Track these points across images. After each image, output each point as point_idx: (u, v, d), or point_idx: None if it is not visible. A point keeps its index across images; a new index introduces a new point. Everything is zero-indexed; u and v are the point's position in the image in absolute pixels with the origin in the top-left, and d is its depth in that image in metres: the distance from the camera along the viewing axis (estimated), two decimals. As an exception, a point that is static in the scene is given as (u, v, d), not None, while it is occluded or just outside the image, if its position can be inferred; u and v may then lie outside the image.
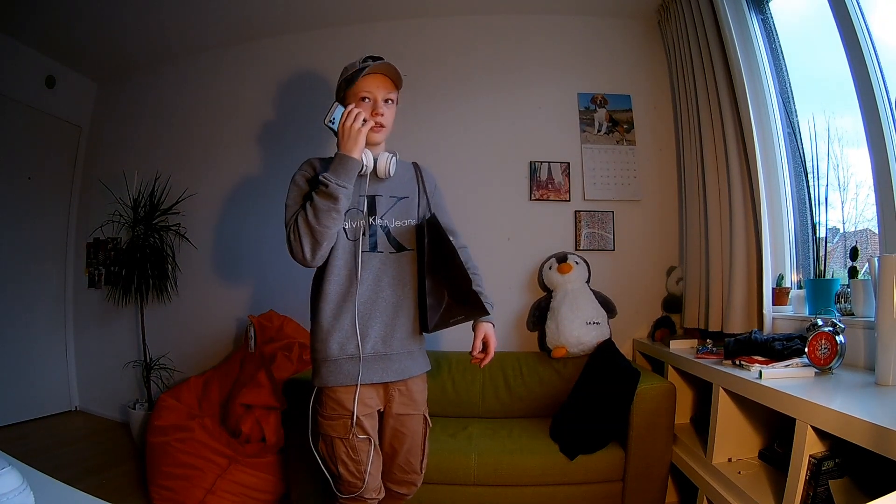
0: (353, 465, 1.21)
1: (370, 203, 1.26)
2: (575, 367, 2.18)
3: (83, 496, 0.71)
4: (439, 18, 2.70)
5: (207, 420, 2.09)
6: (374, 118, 1.24)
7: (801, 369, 1.31)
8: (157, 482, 1.93)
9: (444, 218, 1.33)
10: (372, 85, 1.24)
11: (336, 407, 1.20)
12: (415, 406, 1.29)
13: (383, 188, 1.29)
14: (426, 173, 1.39)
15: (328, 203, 1.14)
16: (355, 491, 1.21)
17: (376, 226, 1.25)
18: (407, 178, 1.34)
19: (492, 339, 1.29)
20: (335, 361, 1.20)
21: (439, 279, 1.23)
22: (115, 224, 2.84)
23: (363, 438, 1.20)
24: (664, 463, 1.74)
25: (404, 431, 1.28)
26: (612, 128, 2.58)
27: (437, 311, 1.22)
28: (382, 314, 1.23)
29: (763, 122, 1.92)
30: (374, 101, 1.24)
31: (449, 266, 1.22)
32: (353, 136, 1.17)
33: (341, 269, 1.22)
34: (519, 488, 1.73)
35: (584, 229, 2.52)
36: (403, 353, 1.25)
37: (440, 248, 1.22)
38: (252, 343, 2.38)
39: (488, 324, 1.30)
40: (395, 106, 1.30)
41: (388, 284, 1.24)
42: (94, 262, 3.17)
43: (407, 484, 1.33)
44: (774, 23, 1.98)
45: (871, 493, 0.99)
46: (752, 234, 1.87)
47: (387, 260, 1.25)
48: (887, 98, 1.43)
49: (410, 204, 1.31)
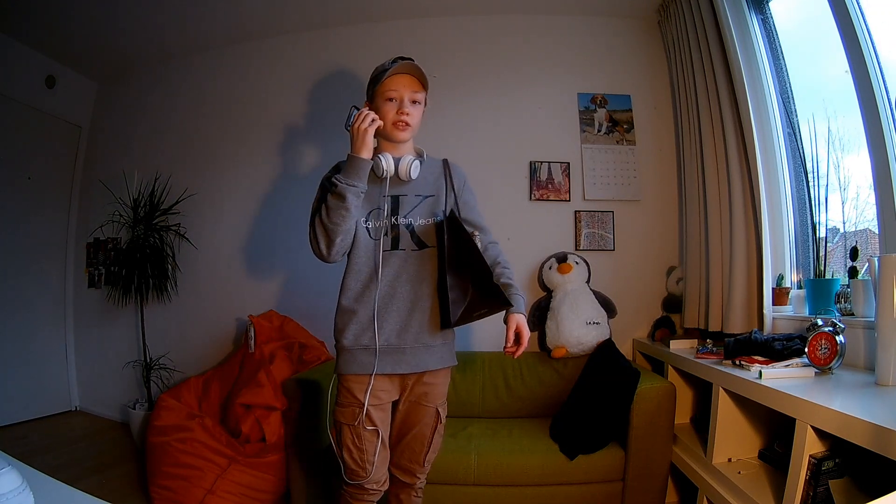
0: (356, 453, 1.25)
1: (394, 203, 1.29)
2: (575, 367, 2.18)
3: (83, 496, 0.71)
4: (439, 18, 2.70)
5: (207, 420, 2.08)
6: (400, 116, 1.26)
7: (801, 369, 1.31)
8: (157, 482, 1.93)
9: (472, 215, 1.36)
10: (398, 84, 1.26)
11: (347, 395, 1.25)
12: (429, 399, 1.31)
13: (408, 188, 1.31)
14: (455, 171, 1.39)
15: (337, 202, 1.21)
16: (358, 479, 1.25)
17: (399, 224, 1.28)
18: (434, 176, 1.35)
19: (524, 331, 1.26)
20: (350, 351, 1.26)
21: (461, 274, 1.24)
22: (115, 224, 2.84)
23: (370, 429, 1.24)
24: (664, 463, 1.74)
25: (414, 419, 1.31)
26: (612, 128, 2.58)
27: (460, 306, 1.23)
28: (399, 309, 1.26)
29: (763, 122, 1.92)
30: (399, 101, 1.26)
31: (470, 261, 1.24)
32: (360, 136, 1.22)
33: (362, 267, 1.27)
34: (519, 488, 1.73)
35: (584, 229, 2.52)
36: (418, 346, 1.27)
37: (459, 243, 1.24)
38: (252, 343, 2.37)
39: (520, 315, 1.27)
40: (422, 106, 1.32)
41: (406, 280, 1.27)
42: (94, 262, 3.17)
43: (409, 473, 1.33)
44: (774, 23, 1.98)
45: (871, 493, 1.00)
46: (752, 234, 1.87)
47: (408, 257, 1.28)
48: (887, 98, 1.43)
49: (437, 202, 1.32)
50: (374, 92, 1.28)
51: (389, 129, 1.28)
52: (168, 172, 2.88)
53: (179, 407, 2.17)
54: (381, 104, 1.27)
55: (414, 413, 1.31)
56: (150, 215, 2.78)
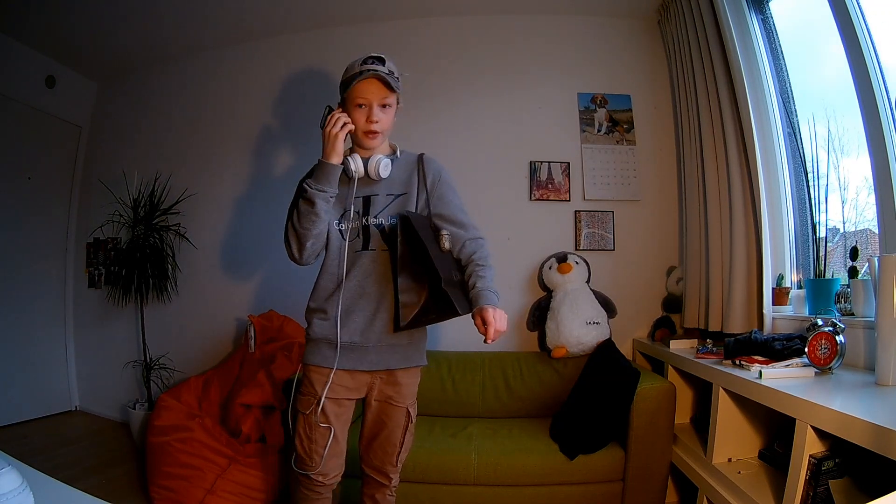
0: (306, 443, 1.26)
1: (365, 203, 1.29)
2: (575, 367, 2.18)
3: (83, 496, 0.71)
4: (439, 18, 2.70)
5: (207, 420, 2.08)
6: (369, 126, 1.25)
7: (801, 369, 1.31)
8: (157, 482, 1.93)
9: (448, 210, 1.30)
10: (366, 91, 1.24)
11: (308, 385, 1.28)
12: (399, 398, 1.30)
13: (380, 187, 1.30)
14: (429, 165, 1.34)
15: (307, 207, 1.23)
16: (304, 469, 1.27)
17: (370, 225, 1.27)
18: (407, 174, 1.33)
19: (490, 318, 1.13)
20: (315, 342, 1.28)
21: (416, 277, 1.22)
22: (115, 224, 2.84)
23: (323, 423, 1.25)
24: (664, 463, 1.74)
25: (384, 419, 1.31)
26: (612, 128, 2.58)
27: (412, 310, 1.21)
28: (365, 308, 1.26)
29: (763, 122, 1.92)
30: (369, 108, 1.25)
31: (424, 264, 1.20)
32: (330, 141, 1.23)
33: (334, 268, 1.28)
34: (519, 488, 1.73)
35: (584, 229, 2.52)
36: (382, 345, 1.26)
37: (412, 245, 1.20)
38: (252, 343, 2.38)
39: (485, 306, 1.16)
40: (393, 108, 1.30)
41: (375, 280, 1.26)
42: (94, 262, 3.17)
43: (383, 474, 1.33)
44: (774, 23, 1.98)
45: (871, 493, 1.00)
46: (752, 234, 1.87)
47: (377, 257, 1.27)
48: (887, 98, 1.43)
49: (407, 200, 1.30)
50: (345, 97, 1.27)
51: (360, 136, 1.28)
52: (168, 172, 2.87)
53: (179, 407, 2.17)
54: (351, 109, 1.26)
55: (384, 413, 1.31)
56: (150, 215, 2.78)
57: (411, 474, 1.71)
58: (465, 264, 1.28)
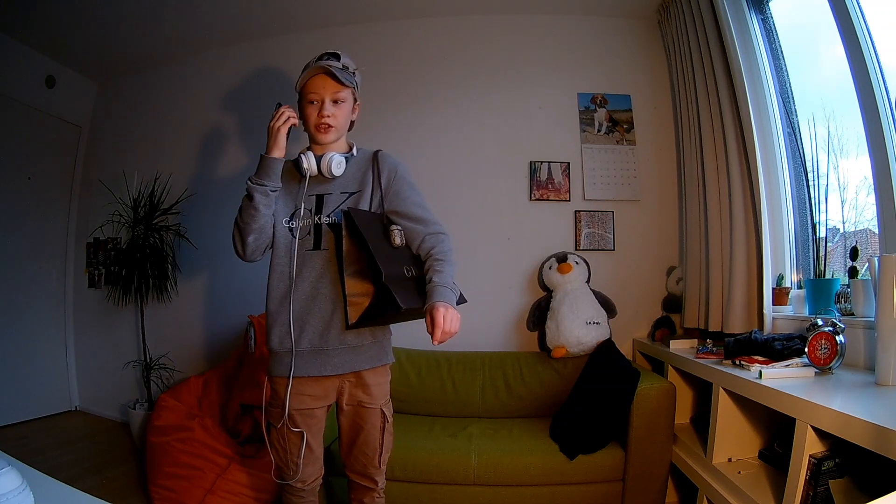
0: (281, 454, 1.28)
1: (318, 202, 1.27)
2: (575, 367, 2.18)
3: (83, 496, 0.71)
4: (439, 18, 2.69)
5: (207, 420, 2.08)
6: (321, 120, 1.25)
7: (801, 369, 1.31)
8: (157, 482, 1.93)
9: (405, 206, 1.27)
10: (316, 87, 1.24)
11: (275, 396, 1.27)
12: (370, 400, 1.28)
13: (334, 185, 1.28)
14: (384, 162, 1.31)
15: (246, 201, 1.25)
16: (285, 478, 1.29)
17: (322, 224, 1.25)
18: (362, 172, 1.30)
19: (439, 319, 1.10)
20: (276, 353, 1.26)
21: (362, 275, 1.20)
22: (115, 224, 2.84)
23: (295, 431, 1.25)
24: (664, 463, 1.74)
25: (359, 423, 1.29)
26: (612, 128, 2.58)
27: (359, 308, 1.18)
28: (321, 310, 1.22)
29: (763, 122, 1.92)
30: (320, 103, 1.25)
31: (369, 261, 1.18)
32: (272, 135, 1.24)
33: (283, 268, 1.26)
34: (519, 488, 1.73)
35: (583, 229, 2.52)
36: (343, 347, 1.23)
37: (359, 242, 1.18)
38: (252, 343, 2.37)
39: (437, 304, 1.13)
40: (348, 104, 1.29)
41: (330, 281, 1.22)
42: (94, 262, 3.17)
43: (368, 478, 1.32)
44: (774, 23, 1.98)
45: (871, 493, 1.00)
46: (752, 234, 1.87)
47: (331, 257, 1.24)
48: (887, 98, 1.43)
49: (361, 198, 1.27)
50: (299, 94, 1.28)
51: (313, 131, 1.28)
52: (168, 172, 2.87)
53: (179, 407, 2.17)
54: (304, 106, 1.27)
55: (359, 417, 1.28)
56: (150, 215, 2.78)
57: (411, 474, 1.72)
58: (424, 260, 1.25)
